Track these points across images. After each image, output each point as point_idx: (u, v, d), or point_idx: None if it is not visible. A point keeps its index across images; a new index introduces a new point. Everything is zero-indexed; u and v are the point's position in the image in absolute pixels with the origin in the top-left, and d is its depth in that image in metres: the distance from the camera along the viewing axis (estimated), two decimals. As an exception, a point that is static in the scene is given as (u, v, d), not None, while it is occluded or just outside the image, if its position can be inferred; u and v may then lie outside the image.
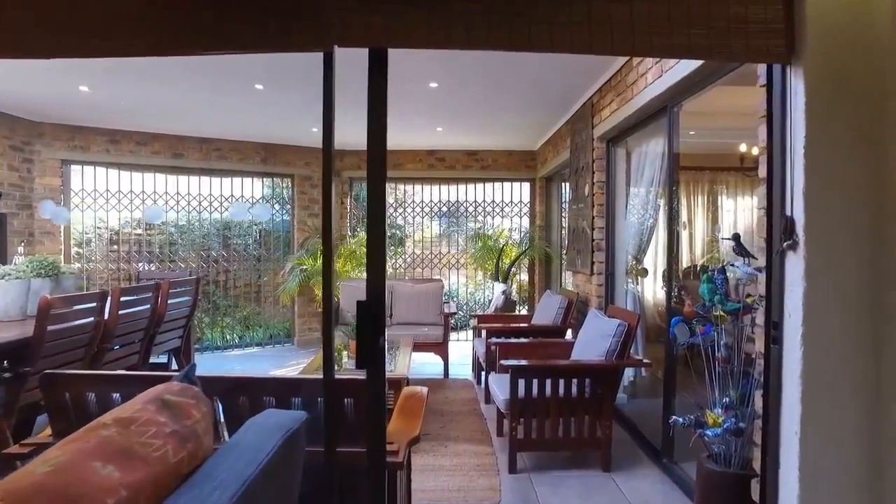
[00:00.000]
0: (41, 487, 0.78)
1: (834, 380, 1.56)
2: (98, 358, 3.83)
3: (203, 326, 7.61)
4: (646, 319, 4.89)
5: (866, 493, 1.60)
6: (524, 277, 8.53)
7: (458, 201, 8.37)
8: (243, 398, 1.96)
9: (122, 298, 3.93)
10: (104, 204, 6.65)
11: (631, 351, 3.65)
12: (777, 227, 1.64)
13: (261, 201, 7.62)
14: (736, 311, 2.11)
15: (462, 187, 8.36)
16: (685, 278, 6.10)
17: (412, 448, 2.31)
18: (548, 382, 3.48)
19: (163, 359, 5.20)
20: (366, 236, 1.70)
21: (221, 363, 6.70)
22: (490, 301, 7.67)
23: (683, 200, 7.15)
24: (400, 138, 7.29)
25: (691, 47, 1.60)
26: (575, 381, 3.50)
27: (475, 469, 3.55)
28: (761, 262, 1.84)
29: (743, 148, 5.74)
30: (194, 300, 5.09)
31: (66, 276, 4.25)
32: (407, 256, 8.71)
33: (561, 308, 5.10)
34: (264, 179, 7.75)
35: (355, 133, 7.01)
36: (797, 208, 1.57)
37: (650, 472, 3.52)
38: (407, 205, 8.60)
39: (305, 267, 7.21)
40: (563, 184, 7.25)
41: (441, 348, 5.96)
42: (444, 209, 8.43)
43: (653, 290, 5.90)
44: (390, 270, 8.42)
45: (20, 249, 5.82)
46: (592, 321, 4.01)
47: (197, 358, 6.85)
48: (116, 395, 1.94)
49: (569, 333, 5.17)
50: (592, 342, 3.76)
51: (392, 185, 8.67)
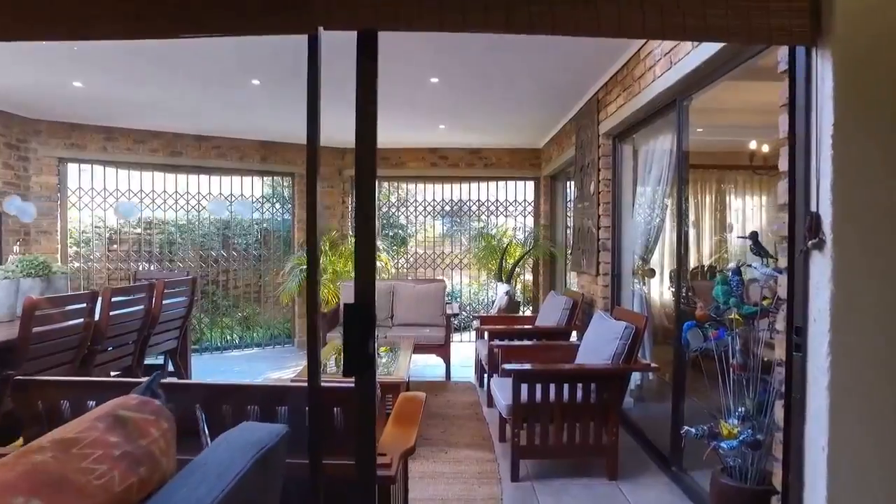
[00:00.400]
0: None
1: (867, 391, 1.43)
2: (88, 360, 3.73)
3: (203, 327, 7.52)
4: (652, 320, 4.75)
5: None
6: (528, 277, 8.39)
7: (461, 200, 8.24)
8: (226, 406, 1.84)
9: (114, 299, 3.83)
10: (101, 203, 6.56)
11: (638, 354, 3.52)
12: (800, 225, 1.50)
13: (240, 198, 7.37)
14: (753, 315, 1.97)
15: (465, 186, 8.23)
16: (692, 279, 5.95)
17: (411, 454, 2.19)
18: (552, 387, 3.35)
19: (159, 360, 5.11)
20: (354, 231, 1.57)
21: (219, 364, 6.59)
22: (493, 302, 7.54)
23: (691, 199, 7.00)
24: (402, 136, 7.17)
25: (707, 28, 1.47)
26: (580, 386, 3.37)
27: (476, 477, 3.42)
28: (782, 263, 1.70)
29: (753, 145, 5.59)
30: (191, 300, 4.98)
31: (59, 276, 4.14)
32: (409, 256, 8.59)
33: (566, 309, 4.97)
34: (264, 178, 7.64)
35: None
36: (823, 204, 1.43)
37: (658, 481, 3.38)
38: (409, 203, 8.47)
39: (305, 267, 7.10)
40: (568, 182, 7.11)
41: (443, 350, 5.83)
42: (447, 208, 8.30)
43: (659, 291, 5.76)
44: (393, 270, 8.30)
45: (16, 248, 5.73)
46: (598, 323, 3.88)
47: (196, 359, 6.75)
48: (91, 403, 1.82)
49: (573, 335, 5.03)
50: (598, 345, 3.62)
51: (394, 184, 8.56)
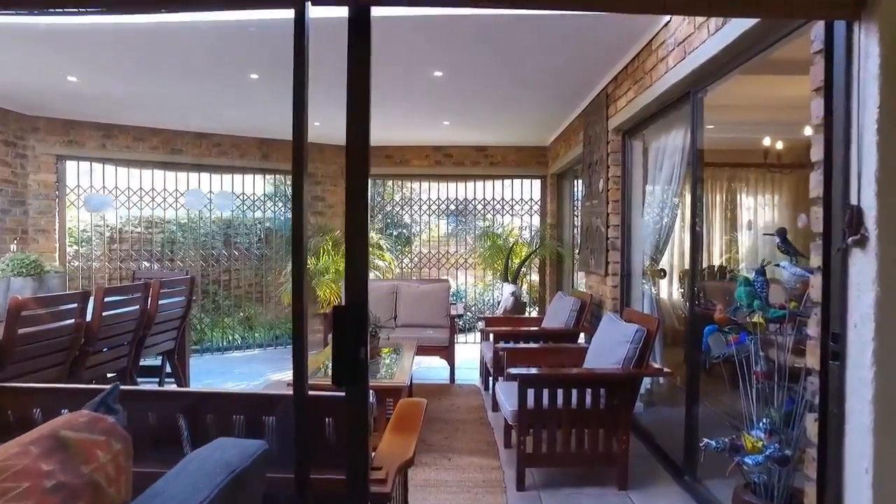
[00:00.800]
0: None
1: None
2: (80, 362, 3.61)
3: (204, 327, 7.41)
4: (663, 322, 4.59)
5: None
6: (535, 278, 8.24)
7: (467, 199, 8.10)
8: (210, 416, 1.71)
9: (107, 299, 3.71)
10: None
11: (649, 358, 3.36)
12: (838, 220, 1.35)
13: (221, 191, 7.05)
14: (780, 319, 1.83)
15: (470, 184, 8.09)
16: (701, 279, 5.78)
17: (410, 466, 2.05)
18: (559, 392, 3.21)
19: (157, 361, 5.00)
20: (344, 227, 1.42)
21: (220, 365, 6.48)
22: (499, 302, 7.40)
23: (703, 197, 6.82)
24: (405, 133, 7.03)
25: (734, 2, 1.32)
26: (589, 392, 3.22)
27: (480, 485, 3.28)
28: (811, 262, 1.55)
29: (767, 142, 5.41)
30: (188, 300, 4.87)
31: (51, 276, 4.04)
32: (413, 256, 8.46)
33: (573, 310, 4.81)
34: (266, 176, 7.53)
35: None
36: (866, 196, 1.29)
37: (671, 491, 3.23)
38: (413, 202, 8.34)
39: (308, 266, 6.97)
40: (576, 180, 6.96)
41: (447, 352, 5.69)
42: (452, 207, 8.16)
43: (668, 292, 5.59)
44: (397, 270, 8.18)
45: (13, 247, 5.64)
46: (607, 325, 3.73)
47: (197, 359, 6.65)
48: (64, 411, 1.70)
49: (581, 337, 4.88)
50: (608, 349, 3.47)
51: (398, 183, 8.43)
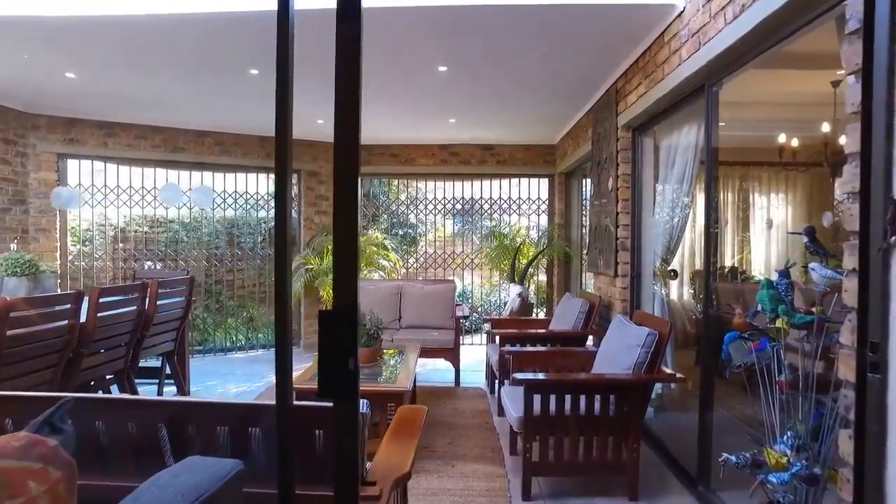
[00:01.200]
0: None
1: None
2: (74, 364, 3.53)
3: (207, 327, 7.34)
4: (674, 324, 4.45)
5: None
6: (542, 278, 8.10)
7: (473, 198, 7.98)
8: (191, 427, 1.60)
9: (102, 300, 3.62)
10: (102, 200, 6.39)
11: (661, 363, 3.22)
12: (878, 217, 1.22)
13: (200, 186, 6.70)
14: (807, 325, 1.69)
15: (477, 183, 7.96)
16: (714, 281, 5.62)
17: (407, 480, 1.92)
18: (567, 398, 3.08)
19: (157, 362, 4.91)
20: (333, 223, 1.28)
21: (222, 367, 6.39)
22: (506, 303, 7.27)
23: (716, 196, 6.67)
24: (411, 132, 6.92)
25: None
26: (598, 398, 3.09)
27: (484, 495, 3.15)
28: (849, 263, 1.42)
29: (782, 139, 5.25)
30: (188, 301, 4.78)
31: (47, 276, 3.96)
32: (419, 256, 8.35)
33: (582, 313, 4.67)
34: (269, 175, 7.43)
35: (365, 127, 6.59)
36: (911, 190, 1.16)
37: (684, 502, 3.09)
38: (419, 201, 8.23)
39: (311, 266, 6.89)
40: (584, 179, 6.83)
41: (452, 354, 5.57)
42: (458, 206, 8.04)
43: (679, 293, 5.44)
44: (403, 271, 8.07)
45: (13, 246, 5.57)
46: (617, 329, 3.59)
47: (199, 360, 6.58)
48: (8, 421, 1.59)
49: (590, 340, 4.74)
50: (617, 353, 3.34)
51: (404, 182, 8.32)
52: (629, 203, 4.39)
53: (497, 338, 4.89)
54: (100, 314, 3.64)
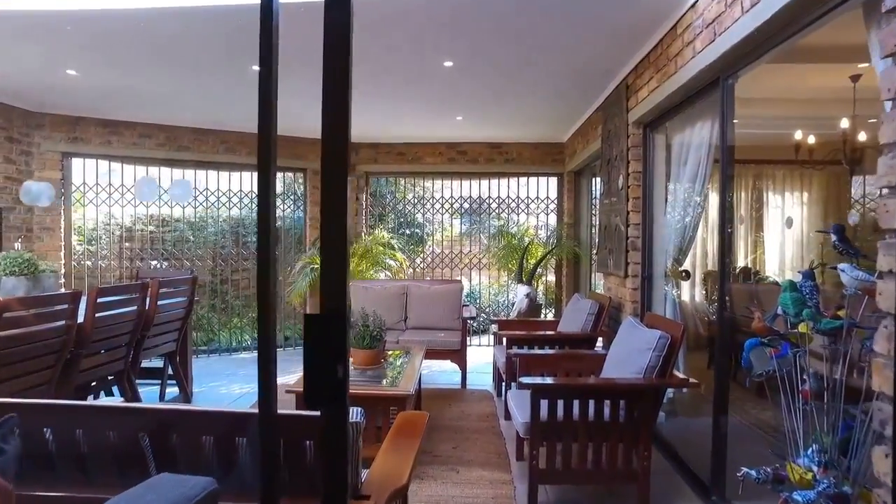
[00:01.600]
0: None
1: None
2: (72, 365, 3.47)
3: (212, 327, 7.29)
4: (686, 326, 4.32)
5: None
6: (551, 278, 7.98)
7: (481, 197, 7.87)
8: (175, 436, 1.51)
9: (100, 300, 3.56)
10: (106, 199, 6.36)
11: (673, 367, 3.10)
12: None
13: (179, 180, 6.53)
14: (835, 331, 1.56)
15: (485, 182, 7.86)
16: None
17: (403, 493, 1.83)
18: (575, 404, 2.96)
19: (160, 363, 4.86)
20: (320, 223, 1.18)
21: (225, 367, 6.33)
22: (514, 304, 7.15)
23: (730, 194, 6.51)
24: (417, 130, 6.83)
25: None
26: (607, 403, 2.97)
27: (489, 502, 3.05)
28: (885, 264, 1.30)
29: (798, 136, 5.10)
30: (190, 300, 4.72)
31: (47, 275, 3.90)
32: (426, 256, 8.26)
33: (591, 314, 4.55)
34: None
35: (370, 125, 6.52)
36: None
37: (697, 513, 2.97)
38: (426, 201, 8.13)
39: (316, 266, 6.81)
40: (594, 178, 6.70)
41: (458, 356, 5.47)
42: (466, 205, 7.94)
43: (691, 294, 5.30)
44: (410, 271, 7.98)
45: (17, 245, 5.54)
46: (628, 331, 3.47)
47: (203, 360, 6.53)
48: None
49: (599, 342, 4.62)
50: (628, 356, 3.22)
51: (411, 181, 8.23)
52: (640, 202, 4.27)
53: (504, 340, 4.78)
54: (98, 314, 3.58)
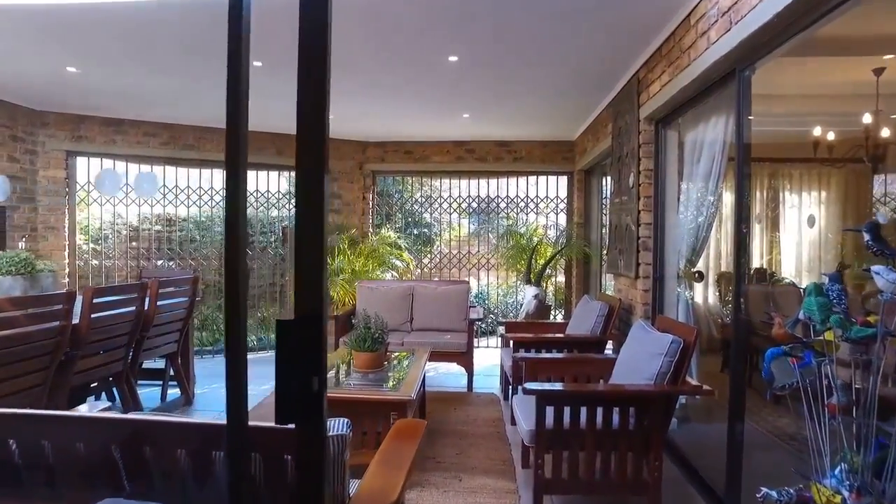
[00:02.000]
0: None
1: None
2: (67, 366, 3.40)
3: (219, 327, 7.22)
4: (700, 330, 4.16)
5: None
6: (561, 280, 7.83)
7: (489, 196, 7.75)
8: (148, 449, 1.41)
9: (97, 300, 3.49)
10: (110, 198, 6.32)
11: (686, 373, 2.96)
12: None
13: (145, 172, 6.22)
14: (867, 339, 1.43)
15: (494, 181, 7.74)
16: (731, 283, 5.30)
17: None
18: (582, 411, 2.83)
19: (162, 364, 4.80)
20: (295, 219, 1.07)
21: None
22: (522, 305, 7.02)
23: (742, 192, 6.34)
24: (424, 128, 6.72)
25: None
26: (616, 410, 2.84)
27: (492, 513, 2.93)
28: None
29: (817, 132, 4.92)
30: (192, 300, 4.64)
31: (45, 274, 3.84)
32: (434, 256, 8.16)
33: (601, 316, 4.40)
34: (281, 173, 7.30)
35: (377, 124, 6.37)
36: None
37: (711, 527, 2.83)
38: (433, 200, 8.03)
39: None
40: (604, 177, 6.55)
41: (465, 358, 5.35)
42: (475, 205, 7.82)
43: (704, 296, 5.14)
44: (417, 271, 7.88)
45: (21, 245, 5.51)
46: (638, 335, 3.33)
47: (207, 361, 6.47)
48: None
49: (609, 346, 4.48)
50: (638, 361, 3.08)
51: (419, 180, 8.13)
52: (651, 200, 4.12)
53: (511, 342, 4.66)
54: (95, 315, 3.51)
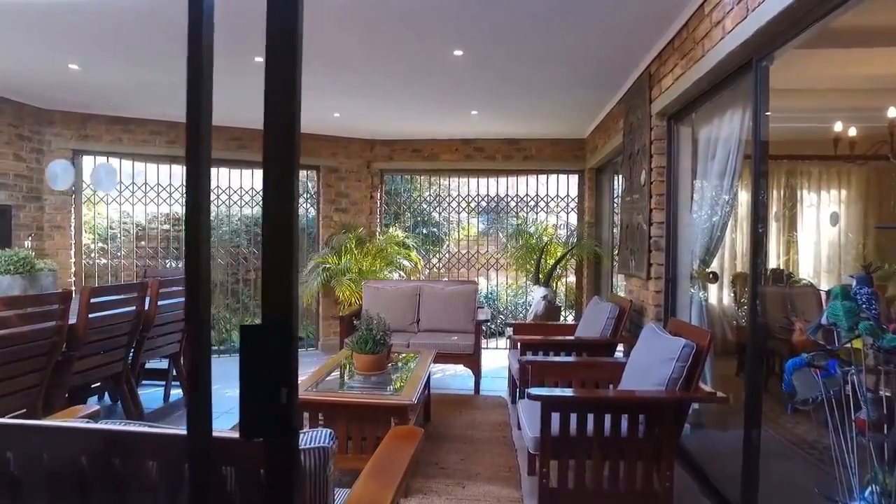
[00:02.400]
0: None
1: None
2: (64, 367, 3.34)
3: (226, 327, 7.19)
4: (714, 333, 4.01)
5: None
6: (571, 280, 7.69)
7: (499, 195, 7.63)
8: (116, 460, 1.32)
9: (94, 300, 3.43)
10: (117, 196, 6.29)
11: (699, 379, 2.83)
12: None
13: (102, 164, 5.90)
14: (900, 349, 1.30)
15: (503, 180, 7.61)
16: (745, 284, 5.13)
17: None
18: (590, 417, 2.72)
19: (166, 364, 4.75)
20: (262, 216, 0.95)
21: (234, 368, 6.17)
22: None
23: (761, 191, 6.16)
24: (432, 126, 6.62)
25: None
26: (625, 417, 2.72)
27: (496, 523, 2.82)
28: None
29: (838, 128, 4.73)
30: (194, 301, 4.57)
31: (45, 274, 3.79)
32: (443, 255, 8.05)
33: (611, 318, 4.27)
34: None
35: (385, 121, 6.24)
36: None
37: (725, 540, 2.69)
38: (442, 199, 7.92)
39: (329, 265, 6.65)
40: (616, 175, 6.40)
41: (472, 360, 5.24)
42: (484, 204, 7.70)
43: (718, 297, 4.98)
44: (426, 271, 7.78)
45: (27, 244, 5.50)
46: (649, 338, 3.20)
47: (215, 360, 6.33)
48: None
49: (619, 349, 4.35)
50: (649, 365, 2.95)
51: (428, 178, 8.03)
52: (664, 198, 3.98)
53: (518, 344, 4.54)
54: (93, 315, 3.46)
